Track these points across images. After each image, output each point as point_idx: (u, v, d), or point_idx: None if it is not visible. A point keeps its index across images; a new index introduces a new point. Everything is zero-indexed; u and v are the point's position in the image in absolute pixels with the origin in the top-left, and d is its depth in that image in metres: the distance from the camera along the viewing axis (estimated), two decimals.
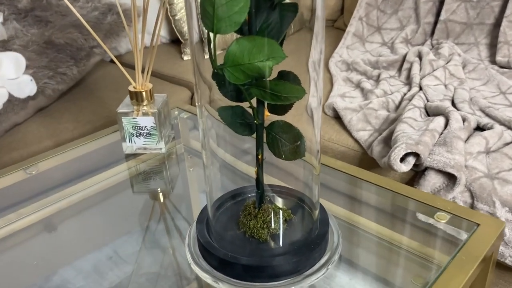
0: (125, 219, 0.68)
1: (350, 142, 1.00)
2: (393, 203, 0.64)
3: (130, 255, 0.59)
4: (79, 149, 0.82)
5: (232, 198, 0.57)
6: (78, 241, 0.64)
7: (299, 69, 0.46)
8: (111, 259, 0.59)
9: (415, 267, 0.56)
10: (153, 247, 0.61)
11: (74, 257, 0.59)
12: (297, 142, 0.48)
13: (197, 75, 0.48)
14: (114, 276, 0.56)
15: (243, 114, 0.49)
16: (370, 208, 0.66)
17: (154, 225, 0.65)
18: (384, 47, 1.46)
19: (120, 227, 0.66)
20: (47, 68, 1.14)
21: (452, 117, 0.90)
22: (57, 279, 0.57)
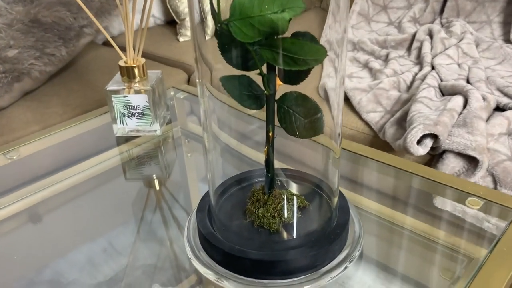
0: (119, 208, 0.61)
1: (359, 125, 0.93)
2: (417, 188, 0.57)
3: (125, 247, 0.52)
4: (66, 132, 0.75)
5: (238, 184, 0.50)
6: (68, 233, 0.57)
7: None
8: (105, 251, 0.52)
9: (444, 260, 0.50)
10: (149, 239, 0.54)
11: (65, 250, 0.53)
12: (314, 117, 0.41)
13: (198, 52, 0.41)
14: (109, 269, 0.50)
15: (250, 85, 0.42)
16: (391, 194, 0.59)
17: (150, 214, 0.59)
18: (391, 27, 1.38)
19: (113, 217, 0.59)
20: (33, 48, 1.07)
21: (472, 96, 0.83)
22: (48, 272, 0.51)
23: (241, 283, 0.41)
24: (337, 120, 0.44)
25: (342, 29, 0.39)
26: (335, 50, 0.41)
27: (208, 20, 0.45)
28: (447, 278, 0.47)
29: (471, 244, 0.51)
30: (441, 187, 0.55)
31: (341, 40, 0.40)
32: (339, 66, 0.42)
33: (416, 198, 0.57)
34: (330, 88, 0.44)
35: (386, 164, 0.60)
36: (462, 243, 0.51)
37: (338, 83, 0.43)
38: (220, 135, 0.50)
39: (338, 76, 0.42)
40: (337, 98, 0.44)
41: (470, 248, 0.50)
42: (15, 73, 1.01)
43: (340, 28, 0.39)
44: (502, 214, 0.50)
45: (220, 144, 0.50)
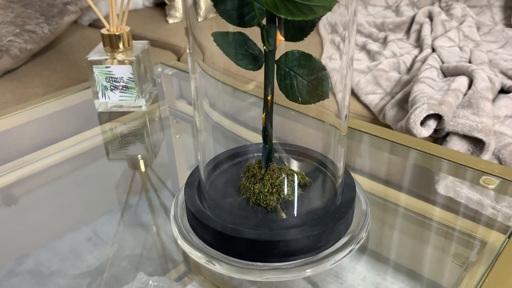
0: (101, 191, 0.56)
1: (358, 108, 0.88)
2: (426, 167, 0.53)
3: (109, 233, 0.47)
4: (44, 107, 0.69)
5: (231, 158, 0.45)
6: (47, 217, 0.52)
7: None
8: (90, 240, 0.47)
9: (455, 244, 0.45)
10: (134, 225, 0.49)
11: (45, 236, 0.48)
12: (319, 80, 0.36)
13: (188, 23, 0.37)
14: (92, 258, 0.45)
15: (246, 43, 0.37)
16: (398, 173, 0.55)
17: (135, 198, 0.54)
18: (388, 11, 1.34)
19: (95, 200, 0.54)
20: (12, 24, 1.00)
21: (477, 76, 0.79)
22: (30, 262, 0.45)
23: (234, 266, 0.36)
24: (344, 103, 0.40)
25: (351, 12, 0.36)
26: (340, 33, 0.37)
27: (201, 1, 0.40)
28: (459, 264, 0.42)
29: (482, 227, 0.46)
30: (452, 165, 0.50)
31: (350, 23, 0.37)
32: (346, 48, 0.38)
33: (424, 177, 0.53)
34: (333, 69, 0.39)
35: (391, 141, 0.55)
36: (472, 225, 0.47)
37: (346, 64, 0.38)
38: (212, 114, 0.45)
39: (345, 57, 0.38)
40: (343, 80, 0.39)
41: (483, 231, 0.46)
42: None
43: (348, 11, 0.36)
44: None
45: (212, 123, 0.45)
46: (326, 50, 0.41)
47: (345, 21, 0.37)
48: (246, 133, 0.64)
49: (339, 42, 0.38)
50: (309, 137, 0.53)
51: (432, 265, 0.43)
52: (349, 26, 0.37)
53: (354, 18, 0.37)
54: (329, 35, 0.40)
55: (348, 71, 0.39)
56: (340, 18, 0.36)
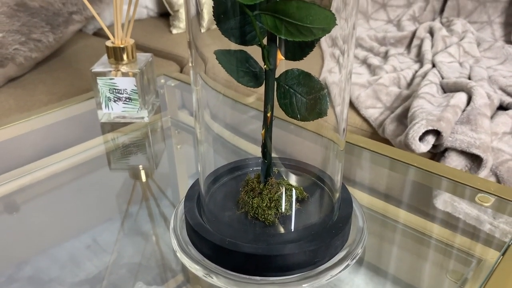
0: (102, 201, 0.56)
1: (357, 121, 0.89)
2: (422, 184, 0.54)
3: (109, 242, 0.48)
4: (48, 117, 0.70)
5: (230, 172, 0.46)
6: (48, 225, 0.52)
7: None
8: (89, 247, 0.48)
9: (450, 261, 0.46)
10: (133, 234, 0.50)
11: (46, 244, 0.49)
12: (318, 98, 0.37)
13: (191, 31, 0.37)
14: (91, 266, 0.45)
15: (247, 61, 0.38)
16: (394, 188, 0.55)
17: (135, 208, 0.54)
18: (390, 25, 1.35)
19: (96, 209, 0.55)
20: (18, 33, 1.02)
21: (476, 92, 0.79)
22: (29, 269, 0.46)
23: (232, 280, 0.37)
24: (342, 116, 0.40)
25: (350, 26, 0.37)
26: (340, 46, 0.38)
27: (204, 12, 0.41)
28: (454, 280, 0.43)
29: (479, 244, 0.47)
30: (448, 182, 0.51)
31: (349, 36, 0.37)
32: (345, 61, 0.39)
33: (421, 193, 0.53)
34: (332, 82, 0.40)
35: (389, 157, 0.56)
36: (469, 242, 0.47)
37: (344, 77, 0.39)
38: (213, 126, 0.46)
39: (344, 71, 0.39)
40: (342, 93, 0.40)
41: (478, 248, 0.46)
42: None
43: (347, 25, 0.37)
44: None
45: (213, 135, 0.46)
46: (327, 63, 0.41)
47: (345, 35, 0.37)
48: (246, 145, 0.65)
49: (339, 56, 0.39)
50: (307, 151, 0.53)
51: (428, 280, 0.43)
52: (348, 40, 0.37)
53: (353, 32, 0.38)
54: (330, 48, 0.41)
55: (347, 85, 0.40)
56: (340, 32, 0.37)
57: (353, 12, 0.36)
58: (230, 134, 0.64)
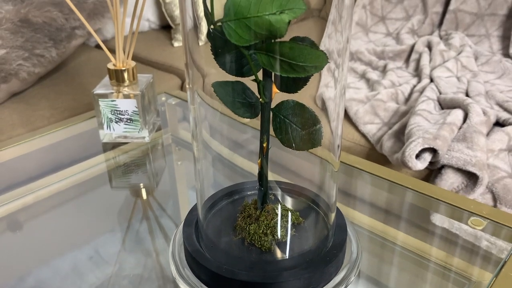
0: (104, 218, 0.58)
1: (356, 136, 0.90)
2: (416, 205, 0.55)
3: (110, 258, 0.49)
4: (51, 136, 0.71)
5: (228, 196, 0.47)
6: (51, 242, 0.54)
7: None
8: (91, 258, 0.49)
9: (443, 282, 0.47)
10: (134, 251, 0.51)
11: (48, 258, 0.50)
12: (312, 128, 0.38)
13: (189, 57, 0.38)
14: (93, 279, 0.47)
15: (244, 92, 0.39)
16: (389, 210, 0.56)
17: (136, 225, 0.55)
18: (389, 38, 1.37)
19: (98, 227, 0.56)
20: (22, 49, 1.03)
21: (472, 110, 0.81)
22: (31, 280, 0.47)
23: None
24: (337, 132, 0.41)
25: (344, 39, 0.37)
26: (335, 60, 0.39)
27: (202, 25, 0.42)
28: None
29: (472, 266, 0.48)
30: (441, 204, 0.52)
31: (343, 50, 0.38)
32: (340, 76, 0.39)
33: (415, 215, 0.55)
34: (328, 98, 0.41)
35: (384, 179, 0.57)
36: (462, 264, 0.48)
37: (339, 93, 0.40)
38: (211, 144, 0.47)
39: (338, 86, 0.40)
40: (337, 108, 0.41)
41: (470, 270, 0.47)
42: (1, 74, 0.97)
43: (342, 38, 0.37)
44: (506, 236, 0.47)
45: (211, 153, 0.47)
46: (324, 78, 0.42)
47: (339, 49, 0.38)
48: (244, 162, 0.66)
49: (334, 70, 0.40)
50: (302, 171, 0.54)
51: None
52: (342, 54, 0.38)
53: (347, 45, 0.38)
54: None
55: (341, 100, 0.41)
56: (336, 45, 0.38)
57: (346, 25, 0.37)
58: (229, 152, 0.65)
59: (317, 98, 0.76)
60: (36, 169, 0.67)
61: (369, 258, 0.47)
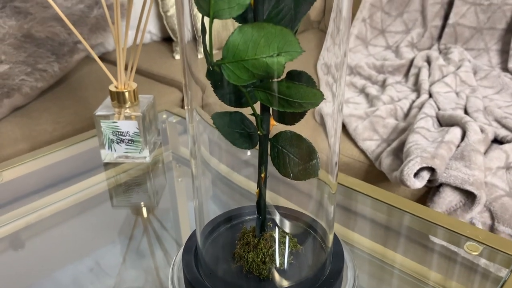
0: (105, 237, 0.58)
1: (355, 153, 0.91)
2: (413, 228, 0.55)
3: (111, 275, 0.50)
4: (52, 156, 0.72)
5: (227, 222, 0.48)
6: (51, 261, 0.54)
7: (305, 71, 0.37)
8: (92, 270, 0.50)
9: None
10: (136, 269, 0.52)
11: (48, 279, 0.50)
12: (309, 159, 0.39)
13: (188, 74, 0.39)
14: None
15: (243, 122, 0.40)
16: (386, 233, 0.57)
17: (137, 245, 0.56)
18: (389, 51, 1.38)
19: (99, 246, 0.57)
20: (24, 64, 1.04)
21: (470, 128, 0.81)
22: None
23: None
24: (334, 148, 0.42)
25: (341, 53, 0.38)
26: (333, 74, 0.39)
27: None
28: None
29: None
30: (438, 228, 0.53)
31: (340, 64, 0.38)
32: (337, 91, 0.40)
33: (412, 238, 0.55)
34: (326, 114, 0.42)
35: (381, 201, 0.57)
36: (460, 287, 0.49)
37: (336, 109, 0.41)
38: (211, 162, 0.48)
39: (336, 101, 0.40)
40: (334, 124, 0.41)
41: None
42: (5, 89, 0.99)
43: (340, 52, 0.37)
44: (502, 261, 0.48)
45: (211, 171, 0.48)
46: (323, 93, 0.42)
47: (337, 62, 0.38)
48: (242, 181, 0.67)
49: (332, 84, 0.40)
50: (300, 194, 0.55)
51: None
52: (339, 68, 0.38)
53: (344, 59, 0.38)
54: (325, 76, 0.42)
55: (338, 116, 0.41)
56: (334, 59, 0.38)
57: (344, 38, 0.37)
58: (227, 170, 0.66)
59: (316, 114, 0.77)
60: (38, 188, 0.68)
61: (367, 280, 0.48)
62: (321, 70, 0.42)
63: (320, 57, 0.40)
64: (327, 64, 0.40)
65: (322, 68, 0.40)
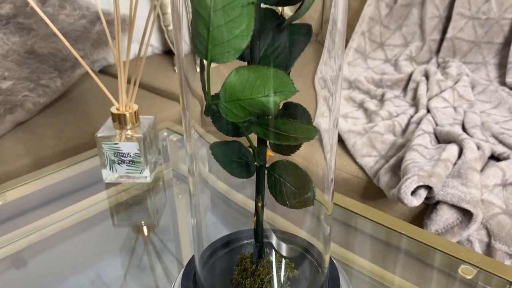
0: (106, 256, 0.59)
1: (353, 168, 0.92)
2: (410, 252, 0.56)
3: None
4: (55, 175, 0.73)
5: (226, 246, 0.48)
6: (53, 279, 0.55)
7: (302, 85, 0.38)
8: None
9: None
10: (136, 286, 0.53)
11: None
12: (305, 188, 0.40)
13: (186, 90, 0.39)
14: None
15: (240, 151, 0.41)
16: (383, 255, 0.58)
17: (138, 263, 0.57)
18: (387, 64, 1.39)
19: (100, 265, 0.58)
20: (27, 80, 1.06)
21: (467, 146, 0.82)
22: None
23: None
24: (330, 164, 0.42)
25: (337, 67, 0.38)
26: (329, 88, 0.39)
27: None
28: None
29: None
30: (433, 251, 0.53)
31: (336, 78, 0.39)
32: (333, 105, 0.40)
33: (408, 260, 0.56)
34: (323, 129, 0.43)
35: (377, 223, 0.58)
36: None
37: (332, 124, 0.41)
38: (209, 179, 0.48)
39: (331, 116, 0.41)
40: (330, 140, 0.42)
41: None
42: (8, 105, 1.00)
43: (335, 65, 0.38)
44: (497, 285, 0.49)
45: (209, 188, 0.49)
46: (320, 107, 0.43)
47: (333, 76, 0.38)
48: (240, 199, 0.67)
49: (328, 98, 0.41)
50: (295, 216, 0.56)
51: None
52: (334, 82, 0.39)
53: (339, 73, 0.39)
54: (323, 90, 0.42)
55: (334, 132, 0.41)
56: (330, 72, 0.38)
57: (339, 52, 0.37)
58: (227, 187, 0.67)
59: None
60: (41, 207, 0.69)
61: None
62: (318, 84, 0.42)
63: (317, 71, 0.41)
64: (324, 78, 0.41)
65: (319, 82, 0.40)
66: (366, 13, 1.44)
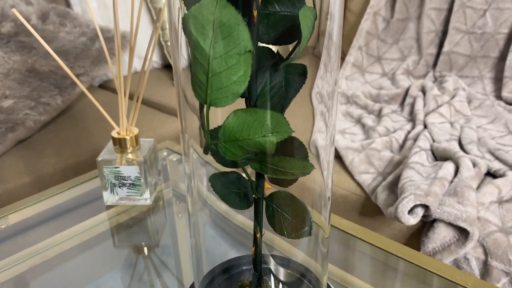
0: (107, 276, 0.60)
1: (351, 185, 0.93)
2: (406, 274, 0.57)
3: None
4: (56, 198, 0.74)
5: (225, 272, 0.49)
6: None
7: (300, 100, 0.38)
8: None
9: None
10: None
11: None
12: (302, 219, 0.41)
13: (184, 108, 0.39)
14: None
15: (239, 182, 0.42)
16: (379, 277, 0.59)
17: (138, 284, 0.58)
18: (385, 78, 1.40)
19: (100, 286, 0.59)
20: (28, 98, 1.07)
21: (463, 164, 0.83)
22: None
23: None
24: (327, 182, 0.43)
25: (333, 81, 0.38)
26: (326, 103, 0.40)
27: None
28: None
29: None
30: (430, 275, 0.54)
31: (332, 93, 0.39)
32: (329, 121, 0.41)
33: (404, 283, 0.57)
34: (320, 146, 0.43)
35: (374, 245, 0.59)
36: None
37: (328, 141, 0.42)
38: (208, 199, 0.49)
39: (328, 132, 0.41)
40: (327, 157, 0.43)
41: None
42: (9, 123, 1.01)
43: (331, 79, 0.38)
44: None
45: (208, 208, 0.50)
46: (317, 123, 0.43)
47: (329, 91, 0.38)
48: (240, 219, 0.68)
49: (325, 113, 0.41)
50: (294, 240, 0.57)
51: None
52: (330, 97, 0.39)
53: (335, 88, 0.39)
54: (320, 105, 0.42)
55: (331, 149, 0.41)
56: (326, 87, 0.39)
57: (335, 66, 0.38)
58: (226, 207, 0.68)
59: (311, 144, 0.79)
60: (42, 229, 0.70)
61: None
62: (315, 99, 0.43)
63: (314, 86, 0.42)
64: (321, 93, 0.42)
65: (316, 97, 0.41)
66: (363, 27, 1.46)
